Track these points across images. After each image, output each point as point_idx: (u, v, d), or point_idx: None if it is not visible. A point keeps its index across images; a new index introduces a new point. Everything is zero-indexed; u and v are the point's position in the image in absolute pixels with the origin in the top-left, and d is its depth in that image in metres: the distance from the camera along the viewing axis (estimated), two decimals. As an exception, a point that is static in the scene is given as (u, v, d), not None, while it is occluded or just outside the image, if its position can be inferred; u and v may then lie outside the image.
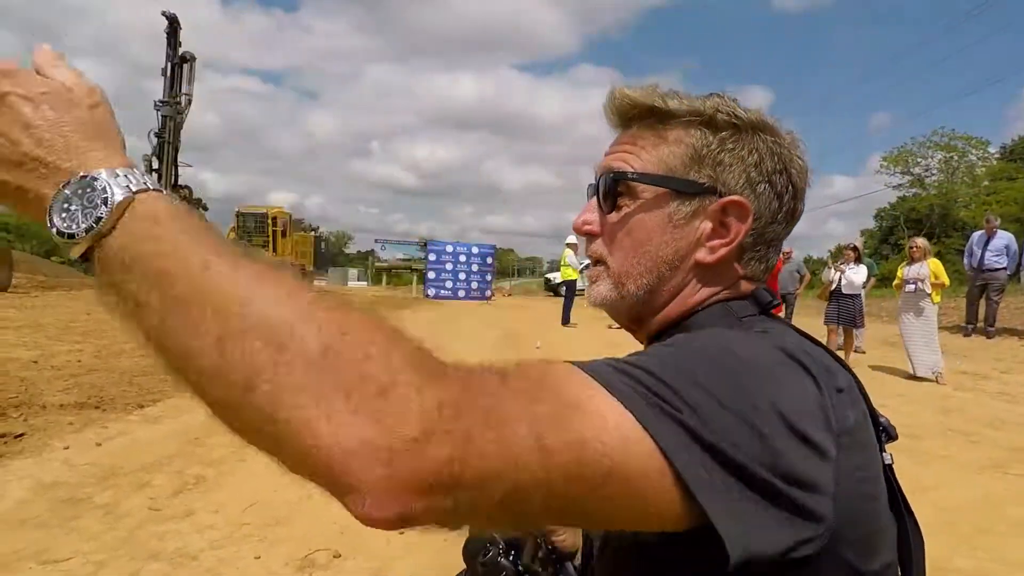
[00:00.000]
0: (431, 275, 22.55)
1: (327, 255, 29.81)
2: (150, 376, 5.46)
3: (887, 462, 0.56)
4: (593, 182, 0.65)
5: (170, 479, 3.07)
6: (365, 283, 40.05)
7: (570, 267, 12.76)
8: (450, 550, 2.43)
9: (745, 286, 0.62)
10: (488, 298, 22.55)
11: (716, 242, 0.60)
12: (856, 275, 7.75)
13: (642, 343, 0.67)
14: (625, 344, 0.61)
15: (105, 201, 0.39)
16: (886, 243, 34.94)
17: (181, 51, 17.49)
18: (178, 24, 17.35)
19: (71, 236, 0.39)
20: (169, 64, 17.27)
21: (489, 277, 23.44)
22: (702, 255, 0.60)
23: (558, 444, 0.37)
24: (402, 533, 1.88)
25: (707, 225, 0.60)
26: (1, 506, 2.65)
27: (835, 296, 7.69)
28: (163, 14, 17.19)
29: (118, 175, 0.40)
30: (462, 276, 22.60)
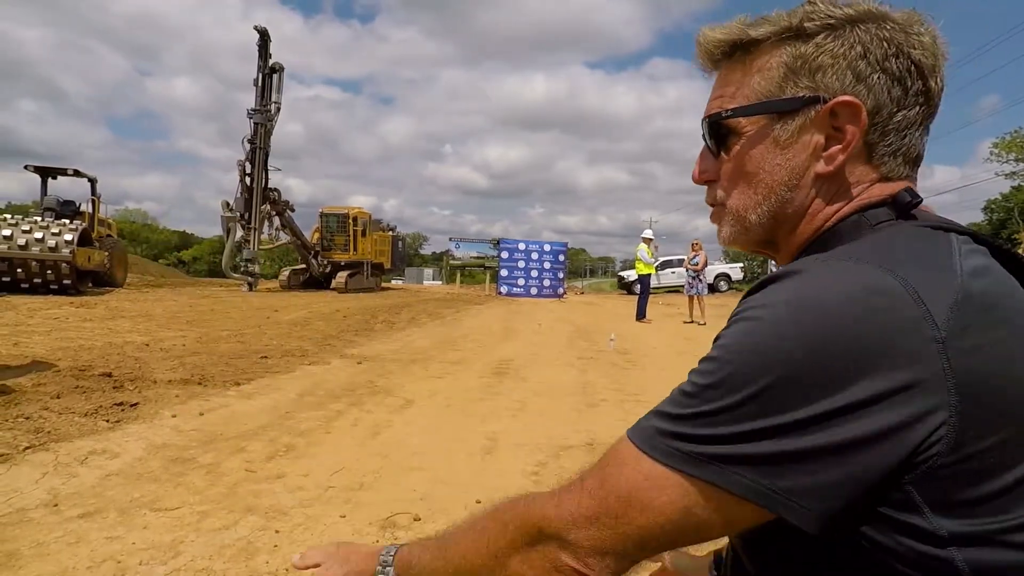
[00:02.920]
0: (503, 273, 22.74)
1: (404, 254, 30.67)
2: (245, 359, 5.85)
3: None
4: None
5: (264, 446, 3.27)
6: (440, 282, 41.03)
7: (643, 262, 12.49)
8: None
9: (883, 188, 0.58)
10: (560, 295, 22.48)
11: (833, 149, 0.57)
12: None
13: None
14: (699, 338, 0.60)
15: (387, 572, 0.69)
16: (997, 237, 31.93)
17: (271, 62, 18.61)
18: (268, 37, 18.49)
19: None
20: (260, 74, 18.43)
21: (561, 274, 23.33)
22: (820, 167, 0.57)
23: (636, 522, 0.50)
24: (478, 502, 1.90)
25: (819, 136, 0.57)
26: (121, 462, 2.92)
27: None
28: (255, 28, 18.38)
29: (381, 561, 0.70)
30: (534, 273, 22.66)
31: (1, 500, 2.42)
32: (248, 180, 18.20)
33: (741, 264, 29.81)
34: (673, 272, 25.18)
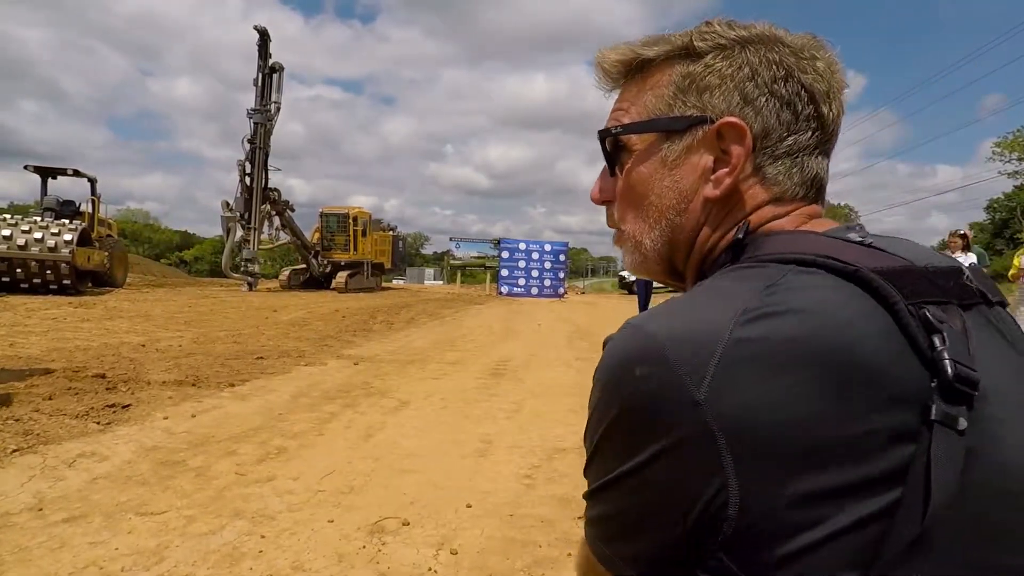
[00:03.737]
0: (504, 272, 22.73)
1: (404, 254, 30.66)
2: (241, 360, 5.82)
3: (935, 418, 0.40)
4: None
5: (255, 448, 3.24)
6: (441, 281, 41.05)
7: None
8: (516, 523, 2.42)
9: (774, 209, 0.56)
10: (561, 295, 22.45)
11: (720, 172, 0.55)
12: (965, 263, 7.07)
13: None
14: None
15: None
16: (1000, 237, 31.78)
17: (271, 62, 18.61)
18: (268, 37, 18.48)
19: None
20: (260, 74, 18.42)
21: (562, 274, 23.31)
22: (708, 190, 0.56)
23: None
24: (469, 507, 1.87)
25: (708, 158, 0.56)
26: (109, 465, 2.90)
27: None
28: (255, 28, 18.37)
29: None
30: (535, 273, 22.64)
31: (-15, 504, 2.39)
32: (248, 180, 18.20)
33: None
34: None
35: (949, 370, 0.40)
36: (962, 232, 7.59)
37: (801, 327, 0.42)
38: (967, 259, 7.15)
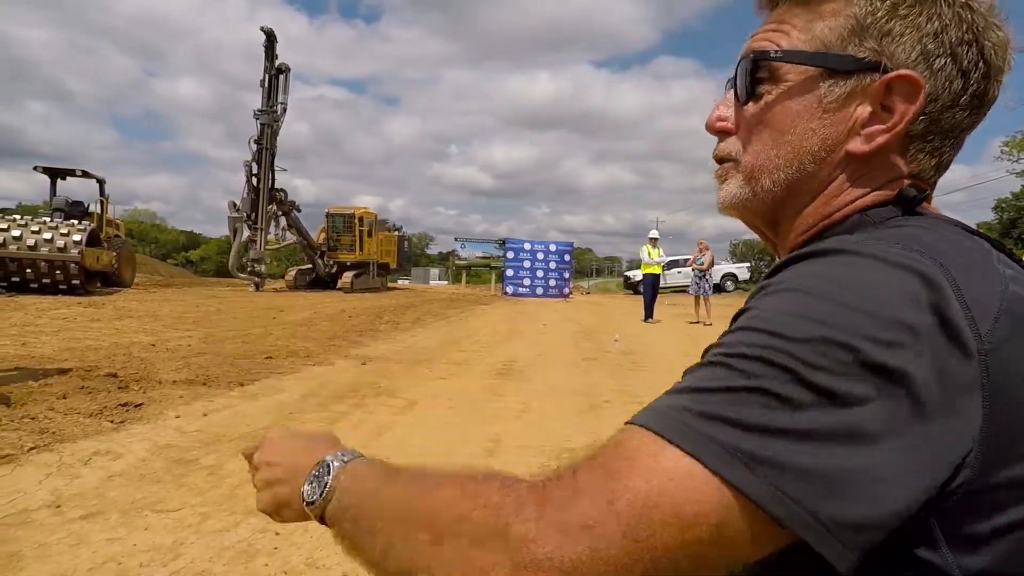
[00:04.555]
0: (509, 273, 22.73)
1: (409, 254, 30.70)
2: (249, 359, 5.87)
3: None
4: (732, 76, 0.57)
5: (266, 447, 3.28)
6: (446, 282, 41.14)
7: (643, 262, 12.48)
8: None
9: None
10: (566, 296, 22.45)
11: (875, 128, 0.49)
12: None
13: (779, 257, 0.57)
14: (705, 338, 0.56)
15: (328, 471, 0.52)
16: (1008, 236, 31.60)
17: (277, 63, 18.68)
18: (275, 38, 18.54)
19: (312, 503, 0.52)
20: (266, 75, 18.49)
21: (567, 275, 23.30)
22: (855, 144, 0.50)
23: (654, 539, 0.36)
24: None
25: (865, 109, 0.49)
26: (124, 463, 2.94)
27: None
28: (261, 29, 18.43)
29: (336, 456, 0.54)
30: (540, 273, 22.63)
31: (4, 501, 2.43)
32: (254, 180, 18.27)
33: (748, 264, 29.70)
34: (679, 272, 25.10)
35: None
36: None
37: None
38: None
